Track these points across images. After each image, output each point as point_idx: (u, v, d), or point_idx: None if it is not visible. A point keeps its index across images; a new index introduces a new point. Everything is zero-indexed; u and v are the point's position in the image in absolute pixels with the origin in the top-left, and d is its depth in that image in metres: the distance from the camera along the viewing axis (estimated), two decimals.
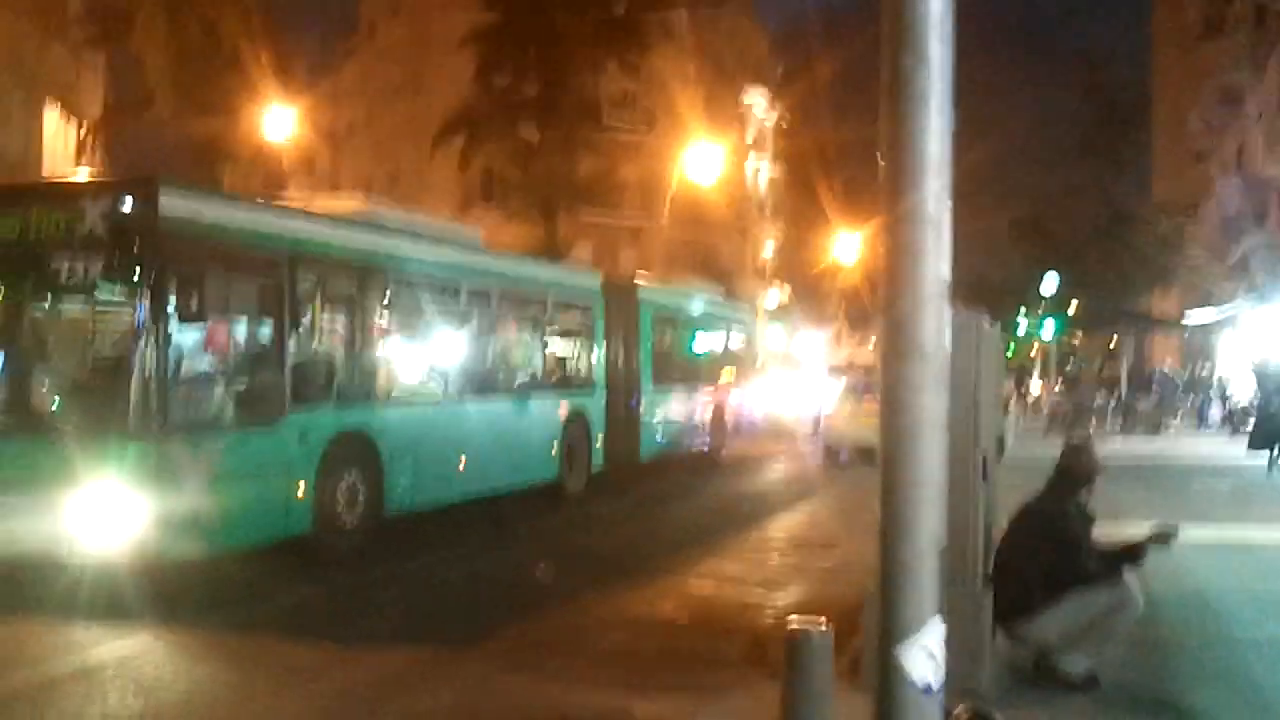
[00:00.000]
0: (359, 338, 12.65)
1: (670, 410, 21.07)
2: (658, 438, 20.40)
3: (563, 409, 16.91)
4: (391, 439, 12.51)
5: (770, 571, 11.49)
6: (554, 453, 16.46)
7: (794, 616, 4.50)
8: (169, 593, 9.45)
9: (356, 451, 11.99)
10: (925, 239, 2.11)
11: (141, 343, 9.51)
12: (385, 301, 13.04)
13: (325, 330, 12.21)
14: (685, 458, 21.53)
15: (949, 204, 2.15)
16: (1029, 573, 6.85)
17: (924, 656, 2.07)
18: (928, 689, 2.06)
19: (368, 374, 12.68)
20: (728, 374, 24.63)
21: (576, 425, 17.20)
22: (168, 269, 9.59)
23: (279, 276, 11.10)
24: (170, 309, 9.58)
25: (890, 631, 2.11)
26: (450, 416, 14.05)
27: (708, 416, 22.89)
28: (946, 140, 2.13)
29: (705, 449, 22.64)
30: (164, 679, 7.54)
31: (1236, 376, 32.98)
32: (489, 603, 10.03)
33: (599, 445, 17.91)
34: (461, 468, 13.99)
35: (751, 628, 8.85)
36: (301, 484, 11.04)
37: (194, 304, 9.70)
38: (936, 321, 2.10)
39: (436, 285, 14.09)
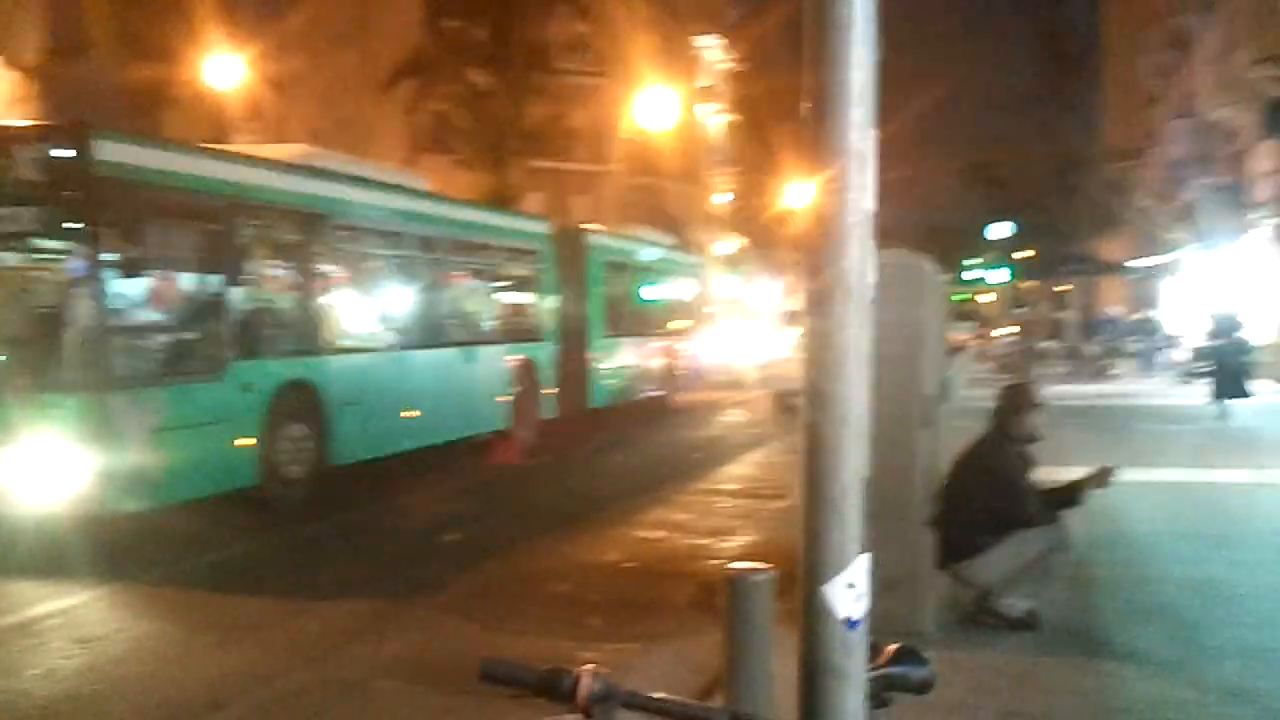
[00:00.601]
0: (303, 287, 12.53)
1: (621, 359, 21.12)
2: (608, 387, 20.47)
3: (511, 358, 16.84)
4: (337, 389, 12.44)
5: (719, 519, 11.52)
6: (502, 402, 16.42)
7: (735, 564, 4.52)
8: (112, 547, 9.39)
9: (302, 402, 11.92)
10: (848, 171, 2.06)
11: (79, 294, 9.43)
12: (330, 250, 12.94)
13: (269, 279, 12.08)
14: (636, 406, 21.59)
15: (872, 134, 2.11)
16: (970, 514, 6.90)
17: (847, 590, 2.05)
18: (850, 623, 2.04)
19: (313, 324, 12.57)
20: (679, 322, 24.70)
21: (525, 374, 17.14)
22: (104, 218, 9.48)
23: (220, 225, 10.97)
24: (108, 259, 9.46)
25: (816, 568, 2.09)
26: (397, 366, 13.97)
27: (659, 365, 23.00)
28: (869, 69, 2.08)
29: (657, 397, 22.71)
30: (108, 633, 7.48)
31: (1178, 321, 33.34)
32: (437, 552, 10.01)
33: (548, 395, 17.86)
34: (409, 417, 13.95)
35: (699, 574, 8.88)
36: (246, 436, 10.97)
37: (133, 254, 9.63)
38: (859, 255, 2.07)
39: (382, 233, 13.98)
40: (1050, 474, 7.26)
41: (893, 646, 2.39)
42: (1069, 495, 6.92)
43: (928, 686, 2.40)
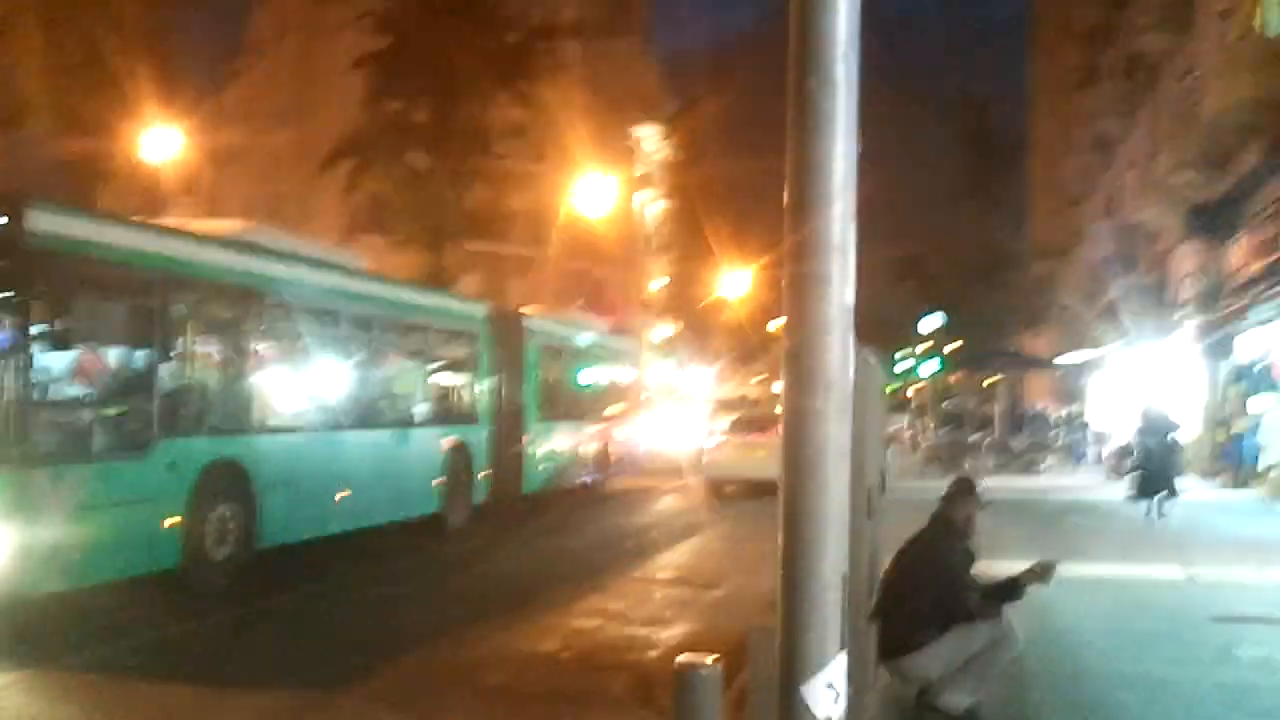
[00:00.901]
0: (234, 364, 12.35)
1: (555, 443, 20.91)
2: (542, 472, 20.24)
3: (445, 441, 16.61)
4: (266, 469, 12.18)
5: (655, 608, 11.39)
6: (435, 486, 16.17)
7: (683, 655, 4.43)
8: (28, 630, 9.05)
9: (229, 482, 11.65)
10: (830, 265, 2.05)
11: (3, 366, 9.14)
12: (263, 327, 12.77)
13: (199, 356, 11.90)
14: (570, 491, 21.36)
15: (854, 229, 2.09)
16: (912, 609, 6.86)
17: (827, 691, 1.99)
18: None
19: (243, 402, 12.36)
20: (613, 407, 24.60)
21: (459, 458, 16.89)
22: (34, 289, 9.31)
23: (151, 299, 10.79)
24: (35, 331, 9.26)
25: (794, 666, 2.03)
26: (328, 447, 13.72)
27: (593, 450, 22.82)
28: (852, 164, 2.08)
29: (590, 482, 22.51)
30: None
31: (1104, 416, 33.90)
32: (368, 640, 9.71)
33: (481, 479, 17.61)
34: (339, 500, 13.68)
35: (636, 665, 8.73)
36: (171, 516, 10.68)
37: (61, 327, 9.46)
38: (841, 350, 2.04)
39: (316, 311, 13.78)
40: (986, 568, 7.27)
41: None
42: (1010, 589, 6.93)
43: None
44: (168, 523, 10.63)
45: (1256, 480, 22.23)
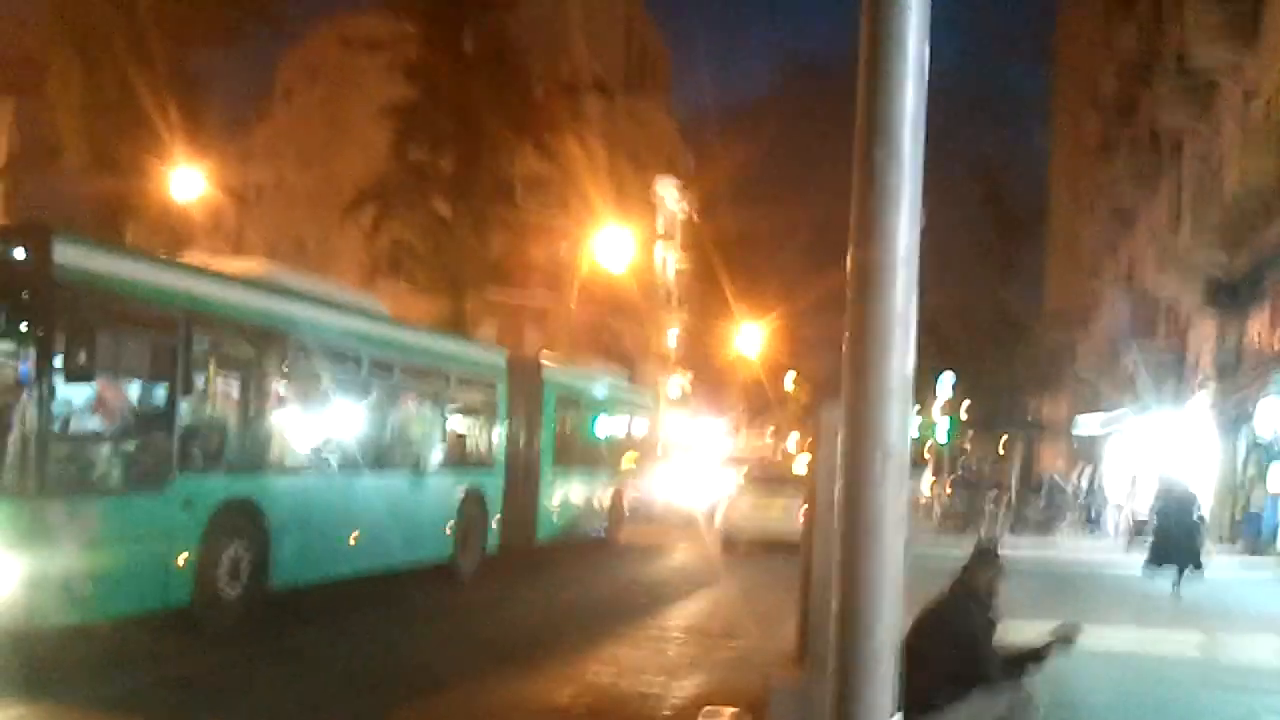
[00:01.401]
0: (253, 403, 12.34)
1: (570, 494, 20.82)
2: (555, 521, 20.12)
3: (460, 487, 16.57)
4: (280, 509, 12.15)
5: (670, 660, 11.34)
6: (449, 531, 16.09)
7: (707, 707, 4.44)
8: (37, 662, 9.01)
9: (243, 521, 11.62)
10: (893, 334, 2.09)
11: (24, 397, 9.18)
12: (282, 368, 12.77)
13: (218, 394, 11.92)
14: (582, 542, 21.24)
15: (915, 301, 2.14)
16: (932, 673, 6.81)
17: None
18: None
19: (260, 441, 12.35)
20: (628, 459, 24.52)
21: (473, 504, 16.82)
22: (57, 322, 9.30)
23: (173, 336, 10.81)
24: (57, 363, 9.25)
25: None
26: (343, 489, 13.71)
27: (607, 501, 22.67)
28: (915, 237, 2.13)
29: (602, 534, 22.40)
30: None
31: (1121, 485, 33.73)
32: (383, 683, 9.70)
33: (495, 526, 17.51)
34: (352, 542, 13.63)
35: (652, 717, 8.69)
36: (184, 552, 10.62)
37: (83, 359, 9.36)
38: (900, 416, 2.08)
39: (337, 354, 13.79)
40: (1002, 631, 7.22)
41: None
42: (1034, 656, 6.90)
43: None
44: (181, 559, 10.58)
45: (1271, 551, 22.09)
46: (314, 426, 13.54)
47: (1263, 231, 24.06)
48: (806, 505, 7.78)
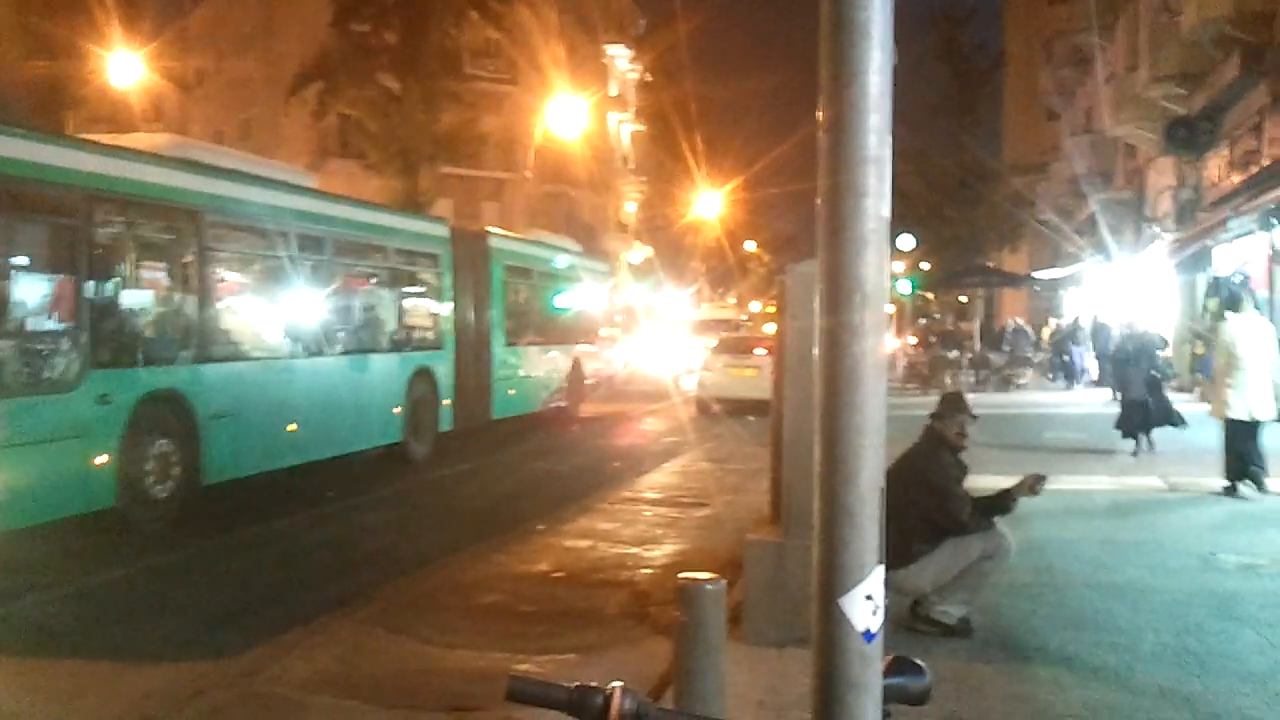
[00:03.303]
0: (171, 289, 11.80)
1: (525, 368, 20.53)
2: (511, 396, 19.78)
3: (406, 367, 16.18)
4: (210, 400, 11.66)
5: (644, 527, 11.46)
6: (397, 413, 15.69)
7: (683, 573, 4.48)
8: None
9: (169, 414, 11.15)
10: (867, 177, 2.02)
11: None
12: (203, 248, 12.05)
13: (133, 280, 11.30)
14: (543, 417, 21.11)
15: (889, 141, 2.06)
16: (905, 523, 6.90)
17: (866, 602, 2.00)
18: (868, 635, 2.00)
19: (182, 329, 11.77)
20: (587, 330, 24.25)
21: (422, 384, 16.40)
22: None
23: (76, 219, 10.14)
24: None
25: (832, 579, 2.03)
26: (279, 375, 13.23)
27: (565, 373, 22.42)
28: (887, 76, 2.04)
29: (564, 406, 22.24)
30: None
31: (1085, 331, 34.11)
32: (357, 565, 9.69)
33: (447, 405, 17.16)
34: (291, 430, 13.20)
35: (629, 583, 8.82)
36: (103, 453, 10.12)
37: None
38: (878, 262, 2.02)
39: (262, 231, 13.23)
40: (970, 483, 7.32)
41: (888, 657, 2.35)
42: (1002, 502, 7.01)
43: (927, 697, 2.36)
44: (100, 459, 10.06)
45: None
46: (241, 311, 13.03)
47: (1220, 68, 23.93)
48: (774, 366, 7.78)
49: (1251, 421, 11.77)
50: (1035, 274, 42.66)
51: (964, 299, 49.52)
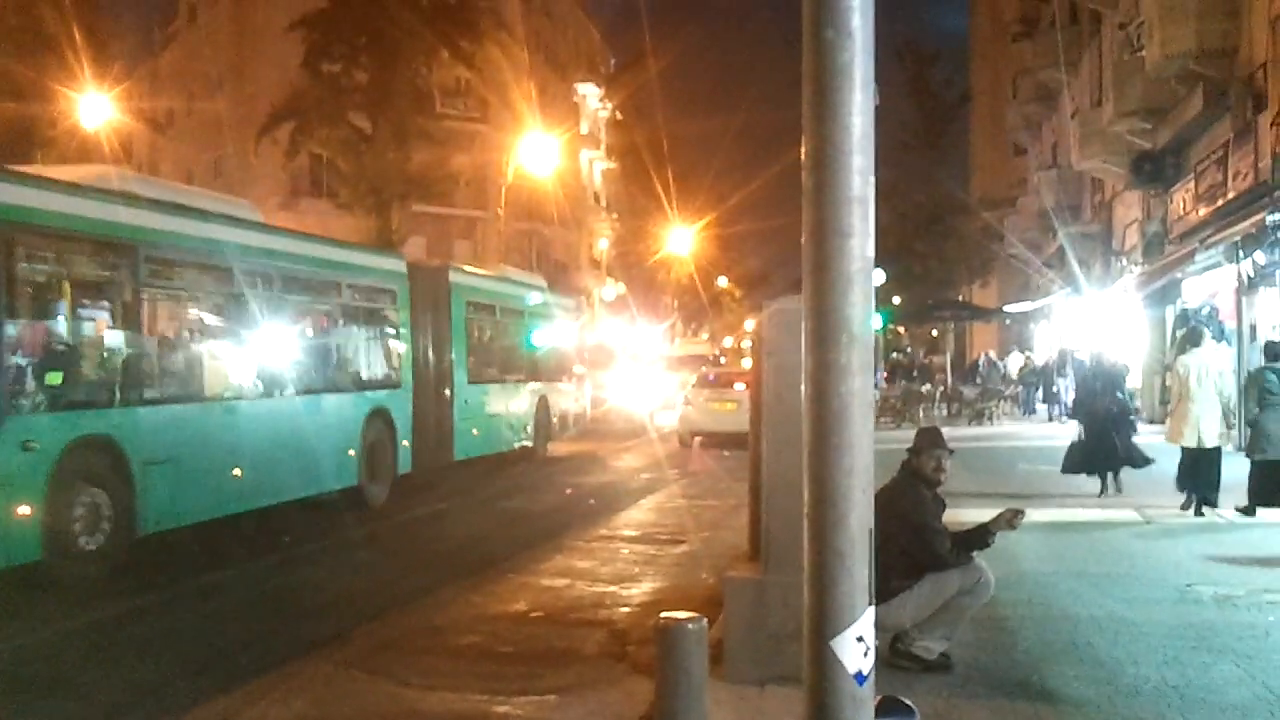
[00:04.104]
0: (105, 327, 11.14)
1: (489, 406, 19.98)
2: (475, 436, 19.20)
3: (361, 407, 15.55)
4: (145, 445, 10.98)
5: (621, 565, 11.42)
6: (352, 455, 15.06)
7: (665, 612, 4.45)
8: None
9: (100, 461, 10.51)
10: (851, 217, 2.04)
11: None
12: (138, 284, 11.41)
13: (60, 318, 10.66)
14: (507, 458, 20.71)
15: (873, 182, 2.08)
16: (885, 558, 6.88)
17: (857, 644, 2.00)
18: (859, 677, 1.99)
19: (115, 370, 11.14)
20: (553, 367, 23.81)
21: (378, 425, 15.80)
22: None
23: None
24: None
25: (822, 621, 2.03)
26: (222, 418, 12.54)
27: (531, 412, 22.00)
28: (869, 117, 2.07)
29: (529, 446, 21.76)
30: None
31: (1054, 364, 34.31)
32: (328, 609, 9.52)
33: (406, 446, 16.57)
34: (236, 476, 12.49)
35: (608, 622, 8.77)
36: (25, 504, 9.47)
37: None
38: (863, 302, 2.04)
39: (204, 266, 12.53)
40: (949, 517, 7.33)
41: (877, 698, 2.34)
42: (980, 536, 7.01)
43: None
44: (22, 510, 9.42)
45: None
46: (180, 351, 12.40)
47: (1184, 103, 24.25)
48: (751, 403, 7.77)
49: (1204, 448, 12.74)
50: (1006, 307, 42.95)
51: (935, 333, 49.77)
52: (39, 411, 9.97)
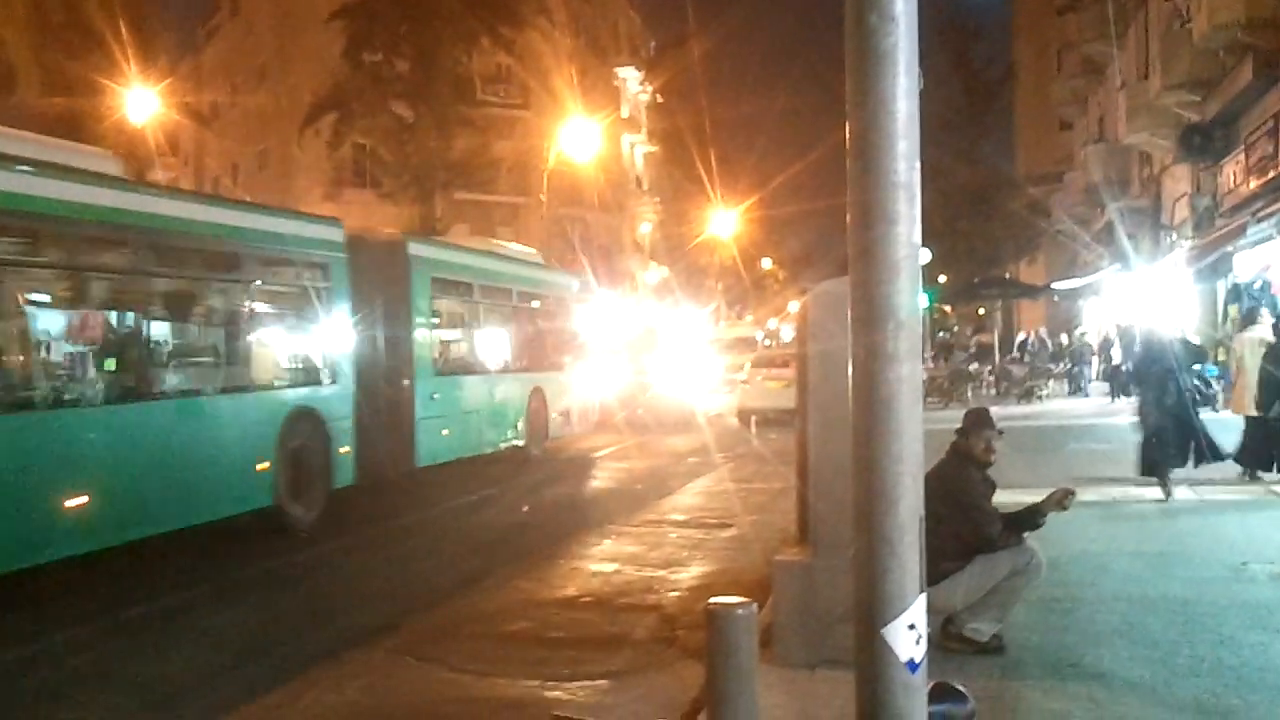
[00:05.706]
0: None
1: (464, 401, 17.18)
2: (445, 438, 16.34)
3: (277, 409, 12.64)
4: None
5: (670, 549, 11.44)
6: (264, 469, 12.13)
7: (714, 598, 4.44)
8: None
9: None
10: (897, 203, 2.02)
11: None
12: None
13: None
14: (489, 460, 17.81)
15: (918, 167, 2.06)
16: (935, 540, 6.86)
17: (909, 632, 1.99)
18: (911, 665, 1.98)
19: None
20: (550, 355, 20.97)
21: (303, 430, 12.90)
22: None
23: None
24: None
25: (874, 609, 2.02)
26: (55, 431, 9.51)
27: (523, 406, 19.20)
28: (914, 101, 2.05)
29: (520, 446, 18.96)
30: None
31: (1105, 341, 33.92)
32: (381, 596, 9.65)
33: (346, 453, 13.75)
34: (75, 507, 9.44)
35: (657, 607, 8.79)
36: None
37: None
38: (910, 287, 2.02)
39: (31, 231, 9.57)
40: (998, 498, 7.27)
41: (930, 684, 2.33)
42: (1031, 517, 6.96)
43: None
44: None
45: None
46: (14, 339, 9.49)
47: (1233, 74, 23.86)
48: (798, 385, 7.74)
49: (1261, 418, 13.31)
50: (1054, 284, 42.48)
51: (981, 311, 49.29)
52: None
